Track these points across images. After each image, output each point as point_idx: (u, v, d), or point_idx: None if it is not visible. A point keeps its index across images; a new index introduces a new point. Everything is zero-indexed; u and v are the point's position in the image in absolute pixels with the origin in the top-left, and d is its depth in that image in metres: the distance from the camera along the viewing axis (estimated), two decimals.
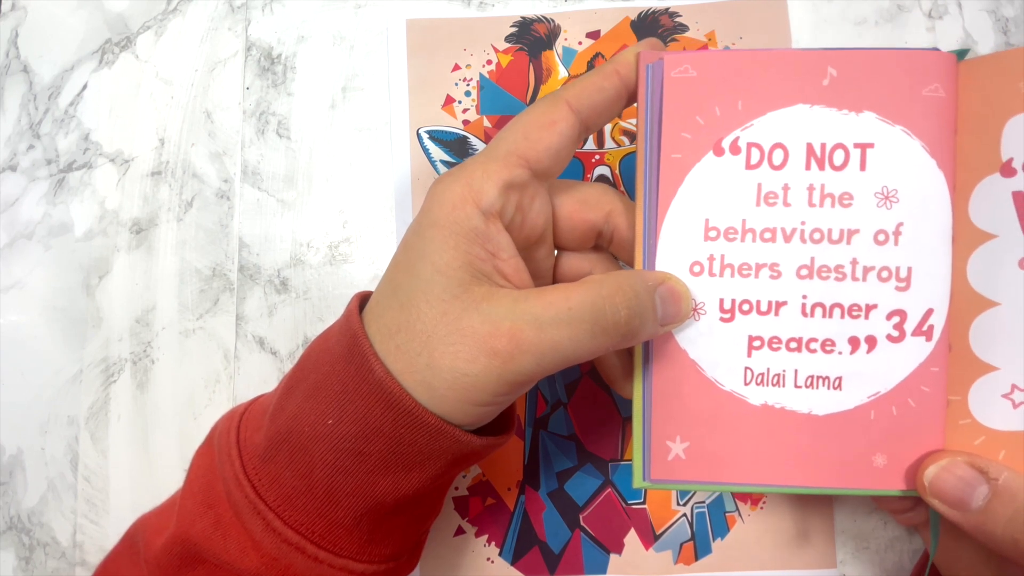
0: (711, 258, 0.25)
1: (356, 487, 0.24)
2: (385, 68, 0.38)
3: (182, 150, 0.38)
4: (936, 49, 0.25)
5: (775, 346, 0.25)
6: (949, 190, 0.25)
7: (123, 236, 0.37)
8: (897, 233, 0.25)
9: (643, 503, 0.34)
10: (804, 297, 0.25)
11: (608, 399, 0.35)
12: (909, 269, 0.25)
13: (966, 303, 0.25)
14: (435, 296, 0.23)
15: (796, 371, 0.25)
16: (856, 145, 0.25)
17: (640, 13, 0.38)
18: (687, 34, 0.37)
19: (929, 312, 0.25)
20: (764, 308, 0.25)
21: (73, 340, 0.37)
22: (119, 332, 0.36)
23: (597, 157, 0.36)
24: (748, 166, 0.25)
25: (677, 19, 0.38)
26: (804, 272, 0.25)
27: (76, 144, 0.38)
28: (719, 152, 0.25)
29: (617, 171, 0.36)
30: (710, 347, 0.26)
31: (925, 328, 0.25)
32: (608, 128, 0.36)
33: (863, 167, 0.25)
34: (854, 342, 0.25)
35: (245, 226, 0.37)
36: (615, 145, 0.36)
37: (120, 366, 0.36)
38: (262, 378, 0.36)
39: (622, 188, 0.36)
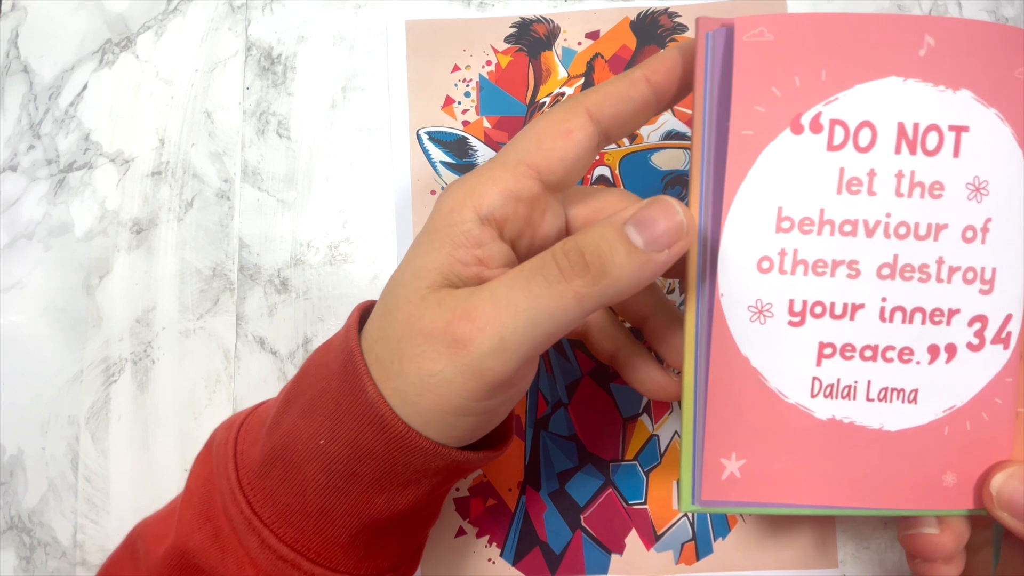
0: (782, 253, 0.22)
1: (350, 506, 0.23)
2: (385, 68, 0.38)
3: (182, 150, 0.38)
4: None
5: (848, 354, 0.22)
6: None
7: (123, 236, 0.37)
8: (985, 230, 0.22)
9: (644, 503, 0.34)
10: (884, 300, 0.22)
11: (609, 400, 0.35)
12: (994, 270, 0.23)
13: None
14: (405, 299, 0.22)
15: (869, 382, 0.23)
16: (951, 128, 0.22)
17: (639, 13, 0.38)
18: (687, 34, 0.37)
19: (1008, 318, 0.23)
20: (839, 311, 0.22)
21: (73, 340, 0.37)
22: (119, 332, 0.36)
23: (597, 157, 0.36)
24: (830, 147, 0.22)
25: (676, 19, 0.38)
26: (886, 272, 0.22)
27: (76, 144, 0.38)
28: (797, 130, 0.22)
29: (617, 171, 0.36)
30: (775, 354, 0.23)
31: (1004, 335, 0.23)
32: None
33: (956, 153, 0.22)
34: (934, 351, 0.23)
35: (245, 226, 0.37)
36: (615, 145, 0.36)
37: (120, 366, 0.36)
38: (262, 378, 0.36)
39: (622, 188, 0.36)
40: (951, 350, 0.23)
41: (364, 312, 0.25)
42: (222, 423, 0.28)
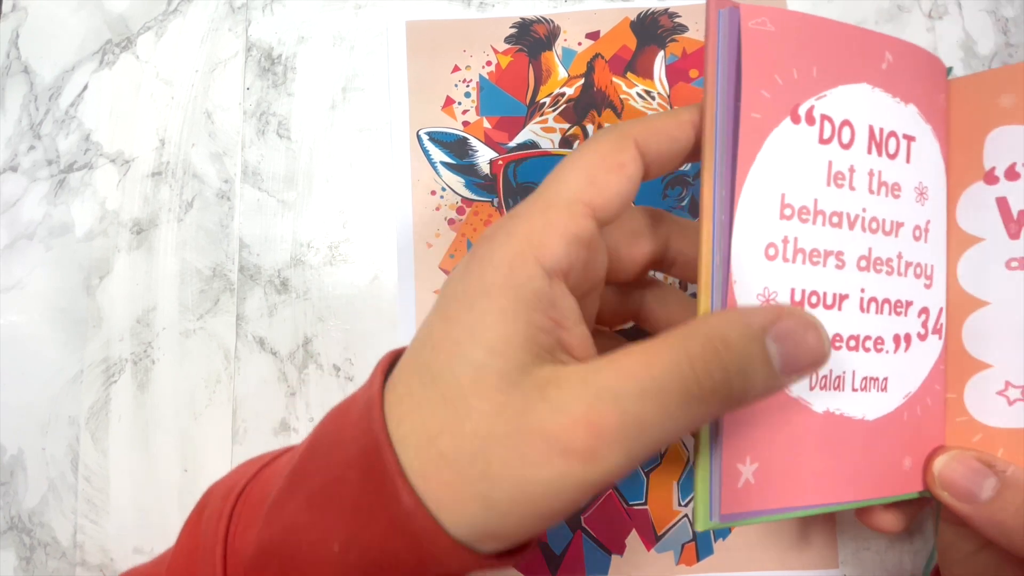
0: (785, 240, 0.22)
1: None
2: (385, 69, 0.38)
3: (182, 150, 0.38)
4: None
5: (837, 344, 0.23)
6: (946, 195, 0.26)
7: (124, 236, 0.37)
8: (927, 230, 0.25)
9: (644, 504, 0.34)
10: (862, 291, 0.23)
11: None
12: (932, 267, 0.25)
13: (958, 302, 0.26)
14: (490, 386, 0.18)
15: (854, 372, 0.23)
16: (904, 136, 0.24)
17: (640, 14, 0.38)
18: (687, 34, 0.37)
19: (941, 310, 0.25)
20: (829, 301, 0.23)
21: (74, 340, 0.37)
22: (120, 332, 0.36)
23: None
24: (821, 140, 0.23)
25: (676, 19, 0.38)
26: (863, 264, 0.23)
27: (77, 145, 0.38)
28: (796, 119, 0.22)
29: None
30: None
31: (938, 326, 0.25)
32: None
33: (908, 159, 0.24)
34: (897, 340, 0.24)
35: (245, 226, 0.37)
36: None
37: (121, 366, 0.36)
38: (262, 378, 0.36)
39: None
40: (908, 339, 0.24)
41: (389, 370, 0.21)
42: (221, 481, 0.24)
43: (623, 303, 0.27)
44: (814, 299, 0.22)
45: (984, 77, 0.26)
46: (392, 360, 0.21)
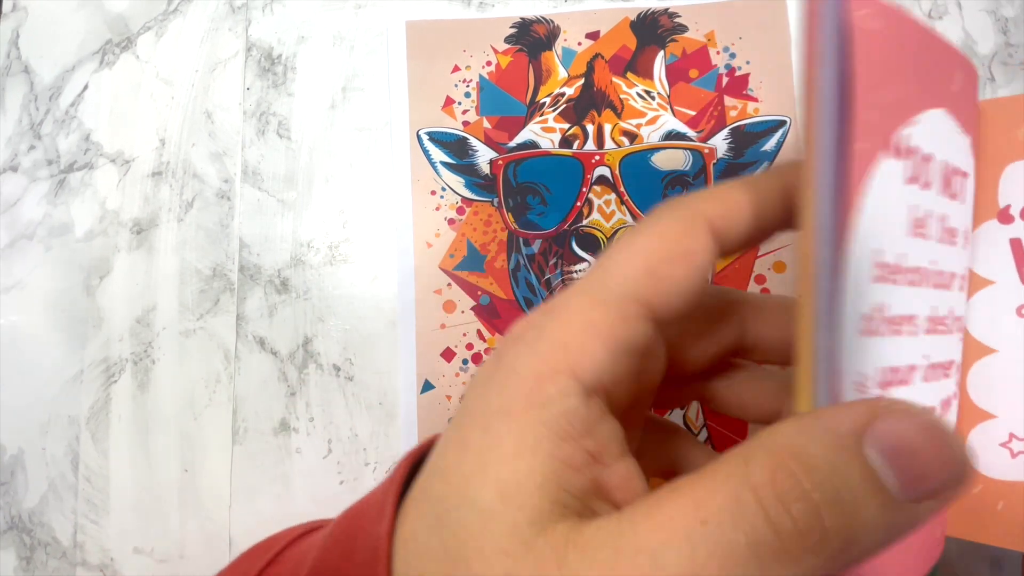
0: (879, 308, 0.17)
1: None
2: (385, 69, 0.38)
3: (182, 150, 0.38)
4: None
5: None
6: None
7: (124, 236, 0.37)
8: (965, 278, 0.22)
9: None
10: (925, 357, 0.19)
11: None
12: (964, 318, 0.23)
13: (965, 348, 0.24)
14: (496, 545, 0.14)
15: None
16: (964, 174, 0.20)
17: (639, 14, 0.38)
18: (687, 34, 0.37)
19: (960, 365, 0.23)
20: (904, 376, 0.18)
21: (74, 340, 0.37)
22: (120, 332, 0.36)
23: (597, 158, 0.36)
24: (907, 179, 0.17)
25: (676, 19, 0.38)
26: (928, 326, 0.19)
27: (77, 144, 0.38)
28: (894, 151, 0.17)
29: (617, 172, 0.36)
30: None
31: (961, 379, 0.23)
32: (608, 128, 0.36)
33: (964, 200, 0.20)
34: (944, 405, 0.21)
35: (245, 226, 0.37)
36: (615, 146, 0.36)
37: (121, 366, 0.36)
38: (262, 378, 0.36)
39: (623, 190, 0.36)
40: (948, 405, 0.22)
41: (409, 477, 0.17)
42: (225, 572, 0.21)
43: (681, 387, 0.22)
44: (896, 378, 0.18)
45: (1003, 104, 0.23)
46: (414, 462, 0.17)
